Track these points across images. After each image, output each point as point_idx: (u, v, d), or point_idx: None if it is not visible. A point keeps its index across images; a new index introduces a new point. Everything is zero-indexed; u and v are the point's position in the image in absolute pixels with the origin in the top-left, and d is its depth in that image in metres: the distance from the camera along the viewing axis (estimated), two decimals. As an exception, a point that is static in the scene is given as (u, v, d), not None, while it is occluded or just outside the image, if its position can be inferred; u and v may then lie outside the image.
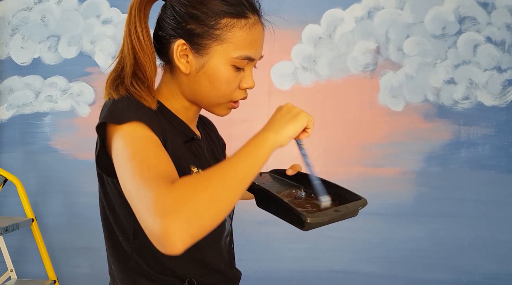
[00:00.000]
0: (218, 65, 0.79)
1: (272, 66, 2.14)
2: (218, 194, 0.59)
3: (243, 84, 0.83)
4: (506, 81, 2.11)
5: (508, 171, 2.09)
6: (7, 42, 2.21)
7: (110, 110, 0.72)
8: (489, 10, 2.10)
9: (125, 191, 0.64)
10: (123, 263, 0.80)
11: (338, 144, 2.12)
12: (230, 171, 0.62)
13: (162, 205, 0.55)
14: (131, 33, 0.78)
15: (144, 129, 0.69)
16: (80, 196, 2.16)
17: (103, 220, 0.82)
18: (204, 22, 0.77)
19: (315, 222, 0.71)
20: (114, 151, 0.69)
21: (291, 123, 0.73)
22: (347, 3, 2.14)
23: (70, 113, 2.19)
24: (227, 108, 0.86)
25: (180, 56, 0.80)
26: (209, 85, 0.80)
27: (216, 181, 0.60)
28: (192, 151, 0.84)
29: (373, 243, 2.10)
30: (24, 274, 2.14)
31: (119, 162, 0.67)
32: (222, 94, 0.81)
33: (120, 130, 0.69)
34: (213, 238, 0.83)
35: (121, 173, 0.65)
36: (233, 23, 0.78)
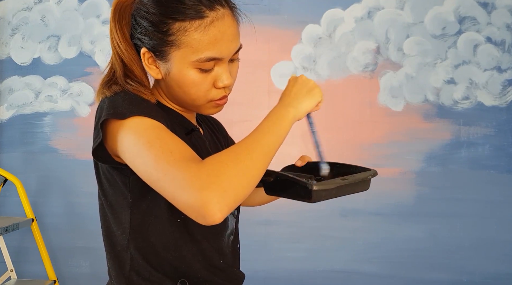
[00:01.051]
0: (181, 70, 0.77)
1: (272, 66, 2.14)
2: (247, 166, 0.64)
3: (219, 84, 0.79)
4: (506, 81, 2.11)
5: (508, 171, 2.09)
6: (7, 42, 2.21)
7: (111, 106, 0.72)
8: (489, 10, 2.10)
9: (150, 178, 0.66)
10: (118, 259, 0.80)
11: (338, 144, 2.12)
12: (256, 145, 0.67)
13: (198, 180, 0.60)
14: (112, 40, 0.82)
15: (150, 120, 0.70)
16: (80, 196, 2.16)
17: (102, 217, 0.82)
18: (158, 30, 0.76)
19: (321, 189, 0.69)
20: (123, 144, 0.69)
21: (308, 98, 0.76)
22: (347, 3, 2.14)
23: (70, 113, 2.19)
24: (211, 108, 0.83)
25: (149, 63, 0.80)
26: (179, 90, 0.79)
27: (245, 156, 0.65)
28: (192, 143, 0.83)
29: (373, 243, 2.10)
30: (24, 274, 2.14)
31: (135, 153, 0.68)
32: (195, 97, 0.80)
33: (126, 125, 0.69)
34: (212, 233, 0.83)
35: (141, 163, 0.67)
36: (185, 26, 0.74)
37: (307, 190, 0.69)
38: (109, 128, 0.72)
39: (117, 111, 0.70)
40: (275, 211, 2.06)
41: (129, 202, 0.77)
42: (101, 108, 0.74)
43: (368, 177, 0.80)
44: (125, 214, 0.78)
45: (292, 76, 0.81)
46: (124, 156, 0.70)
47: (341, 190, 0.73)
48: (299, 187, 0.71)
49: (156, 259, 0.78)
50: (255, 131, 0.71)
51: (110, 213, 0.79)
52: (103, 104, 0.74)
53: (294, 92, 0.76)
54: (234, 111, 2.12)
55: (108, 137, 0.72)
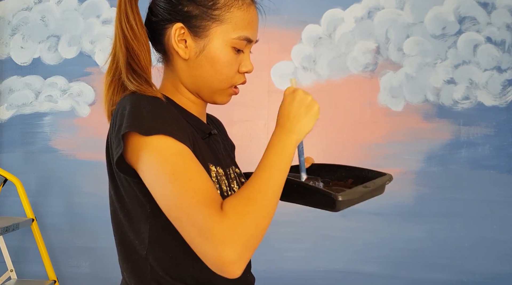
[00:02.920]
0: (218, 47, 0.77)
1: (272, 66, 2.14)
2: (262, 213, 0.65)
3: (242, 68, 0.80)
4: (506, 81, 2.11)
5: (508, 171, 2.09)
6: (7, 42, 2.21)
7: (134, 116, 0.67)
8: (489, 10, 2.10)
9: (169, 212, 0.65)
10: (137, 269, 0.76)
11: (338, 144, 2.12)
12: (267, 187, 0.68)
13: (219, 233, 0.61)
14: (122, 23, 0.76)
15: (175, 144, 0.67)
16: (80, 196, 2.16)
17: (115, 224, 0.78)
18: (201, 3, 0.75)
19: (346, 199, 0.70)
20: (144, 164, 0.67)
21: (308, 118, 0.75)
22: (347, 3, 2.14)
23: (70, 113, 2.19)
24: (228, 95, 0.83)
25: (179, 41, 0.77)
26: (211, 69, 0.78)
27: (260, 201, 0.66)
28: (210, 147, 0.83)
29: (373, 243, 2.10)
30: (24, 274, 2.14)
31: (156, 181, 0.66)
32: (224, 78, 0.79)
33: (149, 144, 0.66)
34: None
35: (161, 194, 0.66)
36: (231, 2, 0.76)
37: (332, 200, 0.70)
38: (129, 140, 0.68)
39: (140, 124, 0.66)
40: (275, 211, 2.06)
41: (148, 212, 0.73)
42: (122, 112, 0.69)
43: (386, 182, 0.81)
44: (143, 224, 0.74)
45: (288, 89, 0.78)
46: (144, 177, 0.68)
47: (362, 198, 0.75)
48: (322, 196, 0.72)
49: (176, 270, 0.75)
50: (262, 169, 0.70)
51: (127, 221, 0.75)
52: (123, 108, 0.70)
53: (293, 114, 0.75)
54: (234, 111, 2.13)
55: (128, 150, 0.69)
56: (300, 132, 0.74)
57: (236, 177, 0.88)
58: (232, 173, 0.87)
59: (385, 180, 0.80)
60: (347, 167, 0.87)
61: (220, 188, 0.78)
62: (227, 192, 0.80)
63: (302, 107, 0.75)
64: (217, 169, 0.80)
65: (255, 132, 2.12)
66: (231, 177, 0.85)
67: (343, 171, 0.87)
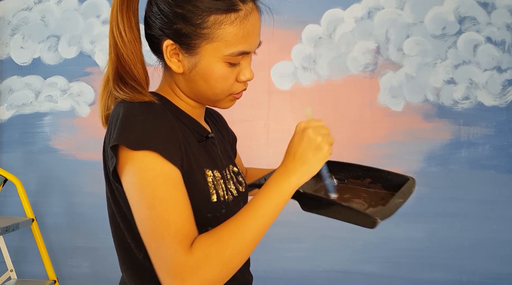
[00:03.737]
0: (210, 64, 0.74)
1: (272, 66, 2.14)
2: (231, 259, 0.65)
3: (241, 77, 0.78)
4: (506, 81, 2.11)
5: (508, 171, 2.09)
6: (7, 42, 2.21)
7: (124, 127, 0.68)
8: (489, 10, 2.10)
9: (142, 236, 0.67)
10: (135, 271, 0.77)
11: (338, 144, 2.11)
12: (245, 233, 0.67)
13: (182, 270, 0.62)
14: (113, 29, 0.75)
15: (161, 164, 0.67)
16: (80, 196, 2.16)
17: (113, 227, 0.78)
18: (190, 22, 0.73)
19: (385, 219, 0.70)
20: (126, 180, 0.68)
21: (314, 160, 0.71)
22: (347, 3, 2.14)
23: (70, 113, 2.19)
24: (229, 101, 0.82)
25: (171, 55, 0.76)
26: (205, 84, 0.77)
27: (232, 247, 0.65)
28: (207, 151, 0.82)
29: (373, 243, 2.10)
30: (24, 274, 2.14)
31: (134, 201, 0.67)
32: (219, 91, 0.78)
33: (135, 159, 0.66)
34: None
35: (136, 216, 0.67)
36: (221, 19, 0.72)
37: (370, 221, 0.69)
38: (119, 151, 0.68)
39: (129, 137, 0.66)
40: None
41: None
42: (116, 119, 0.69)
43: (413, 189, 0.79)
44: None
45: (299, 126, 0.75)
46: (125, 191, 0.69)
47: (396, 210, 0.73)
48: (360, 217, 0.71)
49: None
50: (250, 210, 0.69)
51: (123, 225, 0.76)
52: (118, 115, 0.70)
53: (299, 154, 0.72)
54: (234, 111, 2.12)
55: (118, 161, 0.69)
56: (303, 175, 0.71)
57: (233, 176, 0.87)
58: (229, 173, 0.86)
59: (411, 188, 0.78)
60: (364, 167, 0.85)
61: (217, 193, 0.78)
62: (223, 197, 0.79)
63: (310, 149, 0.71)
64: (214, 173, 0.80)
65: (255, 132, 2.12)
66: (227, 178, 0.84)
67: (360, 170, 0.85)
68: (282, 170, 0.72)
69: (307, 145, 0.72)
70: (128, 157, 0.67)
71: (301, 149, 0.72)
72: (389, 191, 0.82)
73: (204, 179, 0.77)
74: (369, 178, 0.82)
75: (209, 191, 0.77)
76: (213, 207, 0.76)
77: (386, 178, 0.81)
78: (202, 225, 0.74)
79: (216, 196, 0.77)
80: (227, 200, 0.80)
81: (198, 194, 0.75)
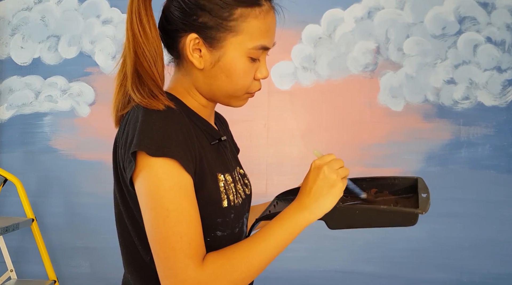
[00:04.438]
0: (234, 58, 0.75)
1: (272, 66, 2.14)
2: (240, 279, 0.68)
3: (258, 75, 0.80)
4: (506, 81, 2.11)
5: (508, 171, 2.09)
6: (7, 42, 2.22)
7: (143, 132, 0.67)
8: (489, 10, 2.10)
9: (151, 243, 0.68)
10: (141, 273, 0.76)
11: (338, 144, 2.12)
12: (255, 259, 0.69)
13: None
14: (133, 24, 0.72)
15: (178, 173, 0.67)
16: (80, 196, 2.16)
17: (119, 227, 0.78)
18: (217, 14, 0.73)
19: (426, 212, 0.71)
20: (142, 184, 0.68)
21: (328, 198, 0.73)
22: (347, 3, 2.14)
23: (70, 113, 2.19)
24: (244, 100, 0.83)
25: (193, 50, 0.75)
26: (226, 79, 0.76)
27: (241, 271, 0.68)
28: (219, 153, 0.81)
29: (373, 243, 2.10)
30: (24, 274, 2.14)
31: (146, 208, 0.68)
32: (240, 87, 0.78)
33: (153, 166, 0.66)
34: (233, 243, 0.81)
35: (148, 224, 0.68)
36: (247, 12, 0.74)
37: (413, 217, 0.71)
38: (137, 156, 0.68)
39: (149, 143, 0.66)
40: (275, 211, 2.06)
41: None
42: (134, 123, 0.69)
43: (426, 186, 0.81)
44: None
45: (314, 163, 0.75)
46: (139, 195, 0.69)
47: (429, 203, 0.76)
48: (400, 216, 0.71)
49: None
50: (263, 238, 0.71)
51: (131, 226, 0.75)
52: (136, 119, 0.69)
53: (314, 191, 0.73)
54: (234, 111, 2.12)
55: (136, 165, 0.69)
56: (317, 211, 0.73)
57: (240, 178, 0.87)
58: (237, 175, 0.86)
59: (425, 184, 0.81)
60: (367, 178, 0.85)
61: (227, 198, 0.78)
62: (234, 201, 0.79)
63: (325, 187, 0.73)
64: (225, 177, 0.79)
65: (255, 133, 2.12)
66: (236, 180, 0.84)
67: (363, 182, 0.84)
68: (297, 204, 0.74)
69: (322, 182, 0.73)
70: (147, 161, 0.67)
71: (316, 186, 0.73)
72: (397, 195, 0.82)
73: (216, 184, 0.76)
74: (375, 188, 0.82)
75: (221, 196, 0.76)
76: (223, 212, 0.77)
77: (393, 183, 0.82)
78: (210, 229, 0.74)
79: (227, 201, 0.77)
80: (236, 204, 0.80)
81: (209, 199, 0.74)
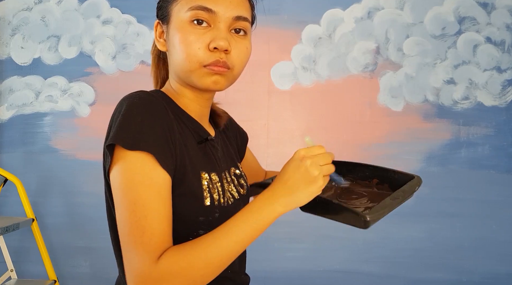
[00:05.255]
0: (177, 24, 0.77)
1: (272, 66, 2.14)
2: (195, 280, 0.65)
3: (211, 43, 0.74)
4: (505, 81, 2.11)
5: (508, 171, 2.09)
6: (7, 42, 2.22)
7: (121, 126, 0.68)
8: (489, 10, 2.11)
9: (120, 237, 0.68)
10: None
11: (338, 144, 2.13)
12: (215, 256, 0.65)
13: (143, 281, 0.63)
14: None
15: (151, 168, 0.67)
16: (80, 196, 2.16)
17: (110, 221, 0.79)
18: None
19: (376, 219, 0.66)
20: (114, 179, 0.69)
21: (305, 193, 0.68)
22: (347, 3, 2.14)
23: (70, 114, 2.19)
24: (207, 75, 0.77)
25: (159, 36, 0.82)
26: (175, 51, 0.77)
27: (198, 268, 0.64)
28: (205, 153, 0.81)
29: (373, 243, 2.10)
30: (24, 274, 2.14)
31: (118, 201, 0.68)
32: (189, 57, 0.75)
33: (127, 159, 0.67)
34: None
35: (118, 217, 0.68)
36: None
37: (360, 220, 0.66)
38: (114, 149, 0.69)
39: (125, 137, 0.67)
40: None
41: None
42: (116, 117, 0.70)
43: (416, 188, 0.74)
44: None
45: (298, 153, 0.71)
46: (112, 187, 0.70)
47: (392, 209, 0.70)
48: (350, 215, 0.68)
49: None
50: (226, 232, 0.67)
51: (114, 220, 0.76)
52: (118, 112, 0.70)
53: (291, 183, 0.68)
54: (234, 111, 2.12)
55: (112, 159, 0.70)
56: (289, 204, 0.68)
57: (235, 179, 0.87)
58: (229, 176, 0.86)
59: (414, 186, 0.74)
60: (370, 166, 0.81)
61: (211, 197, 0.77)
62: (218, 201, 0.78)
63: (303, 182, 0.68)
64: (211, 176, 0.79)
65: (255, 133, 2.12)
66: (228, 180, 0.84)
67: (367, 170, 0.81)
68: (269, 194, 0.69)
69: (301, 176, 0.68)
70: (121, 156, 0.68)
71: (294, 179, 0.68)
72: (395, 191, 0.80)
73: (198, 182, 0.76)
74: (376, 178, 0.80)
75: (203, 194, 0.76)
76: (205, 211, 0.76)
77: (393, 177, 0.78)
78: (193, 227, 0.74)
79: (210, 199, 0.77)
80: (222, 204, 0.79)
81: (190, 196, 0.74)
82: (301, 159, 0.69)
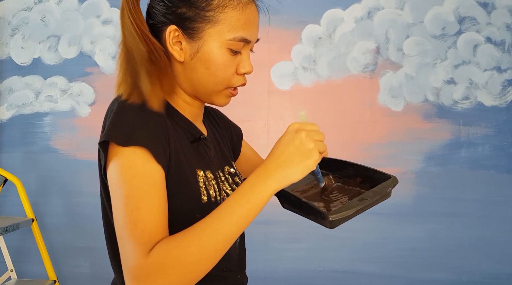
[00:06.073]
0: (213, 49, 0.75)
1: (272, 66, 2.14)
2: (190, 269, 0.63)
3: (241, 69, 0.78)
4: (506, 81, 2.11)
5: (508, 171, 2.09)
6: (7, 42, 2.22)
7: (114, 124, 0.69)
8: (489, 10, 2.11)
9: (116, 226, 0.68)
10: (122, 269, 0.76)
11: (338, 144, 2.13)
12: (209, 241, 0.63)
13: (136, 275, 0.63)
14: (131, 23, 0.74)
15: (145, 161, 0.67)
16: (80, 196, 2.16)
17: (104, 221, 0.79)
18: (194, 4, 0.75)
19: (339, 219, 0.64)
20: (110, 173, 0.69)
21: (299, 168, 0.66)
22: (347, 3, 2.14)
23: (70, 114, 2.19)
24: (226, 97, 0.81)
25: (173, 43, 0.77)
26: (206, 71, 0.76)
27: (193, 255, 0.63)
28: (199, 152, 0.81)
29: (373, 243, 2.10)
30: (24, 274, 2.14)
31: (113, 196, 0.69)
32: (219, 80, 0.77)
33: (121, 156, 0.67)
34: None
35: (114, 212, 0.68)
36: (225, 3, 0.75)
37: (324, 220, 0.65)
38: (109, 147, 0.70)
39: (118, 134, 0.68)
40: (275, 211, 2.05)
41: None
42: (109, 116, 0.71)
43: (389, 189, 0.72)
44: None
45: (292, 126, 0.70)
46: (108, 183, 0.70)
47: (360, 210, 0.67)
48: (316, 213, 0.66)
49: None
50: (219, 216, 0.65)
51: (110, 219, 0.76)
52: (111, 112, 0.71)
53: (284, 157, 0.66)
54: (234, 111, 2.12)
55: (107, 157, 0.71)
56: (282, 180, 0.65)
57: (229, 177, 0.87)
58: (223, 174, 0.86)
59: (387, 187, 0.71)
60: (353, 164, 0.81)
61: (208, 193, 0.77)
62: (215, 197, 0.79)
63: (298, 154, 0.66)
64: (206, 173, 0.79)
65: (255, 132, 2.12)
66: (222, 179, 0.84)
67: (351, 169, 0.81)
68: (261, 171, 0.67)
69: (296, 149, 0.66)
70: (116, 151, 0.68)
71: (289, 151, 0.66)
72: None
73: (195, 179, 0.77)
74: (359, 177, 0.79)
75: (200, 191, 0.76)
76: (203, 207, 0.76)
77: (373, 177, 0.76)
78: (190, 225, 0.73)
79: (207, 196, 0.77)
80: (219, 201, 0.79)
81: (188, 193, 0.75)
82: (296, 131, 0.68)
